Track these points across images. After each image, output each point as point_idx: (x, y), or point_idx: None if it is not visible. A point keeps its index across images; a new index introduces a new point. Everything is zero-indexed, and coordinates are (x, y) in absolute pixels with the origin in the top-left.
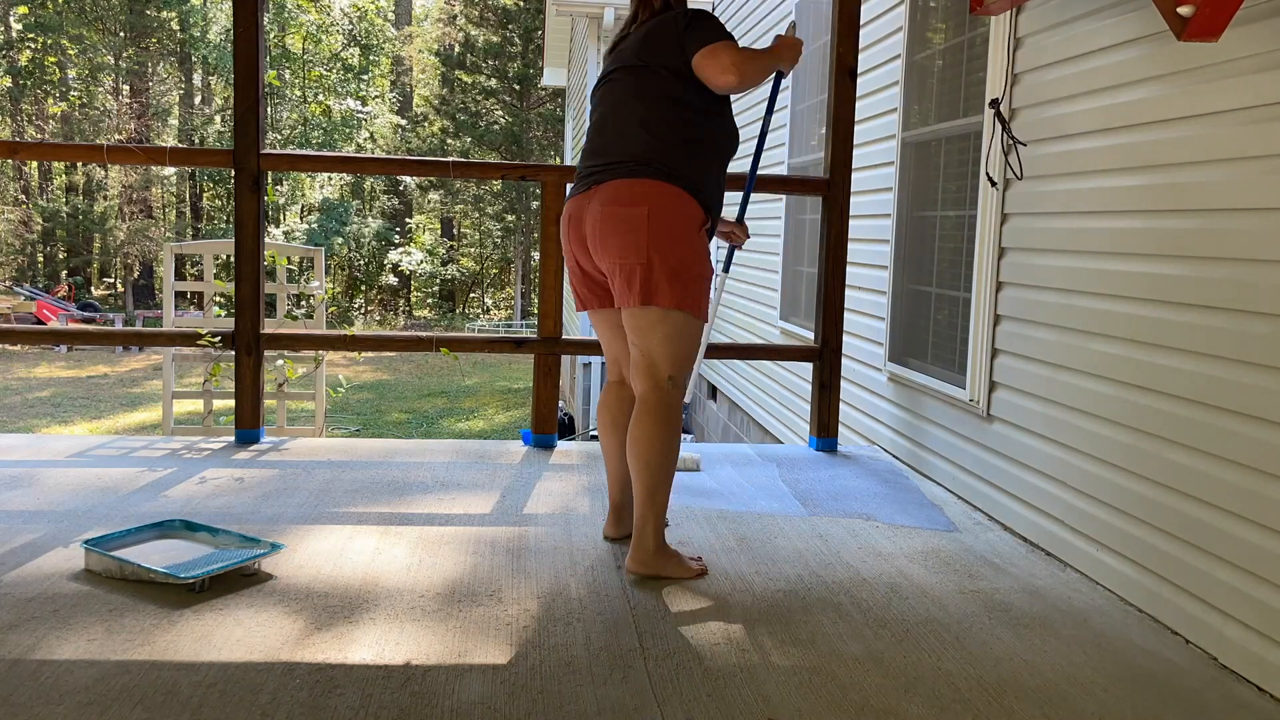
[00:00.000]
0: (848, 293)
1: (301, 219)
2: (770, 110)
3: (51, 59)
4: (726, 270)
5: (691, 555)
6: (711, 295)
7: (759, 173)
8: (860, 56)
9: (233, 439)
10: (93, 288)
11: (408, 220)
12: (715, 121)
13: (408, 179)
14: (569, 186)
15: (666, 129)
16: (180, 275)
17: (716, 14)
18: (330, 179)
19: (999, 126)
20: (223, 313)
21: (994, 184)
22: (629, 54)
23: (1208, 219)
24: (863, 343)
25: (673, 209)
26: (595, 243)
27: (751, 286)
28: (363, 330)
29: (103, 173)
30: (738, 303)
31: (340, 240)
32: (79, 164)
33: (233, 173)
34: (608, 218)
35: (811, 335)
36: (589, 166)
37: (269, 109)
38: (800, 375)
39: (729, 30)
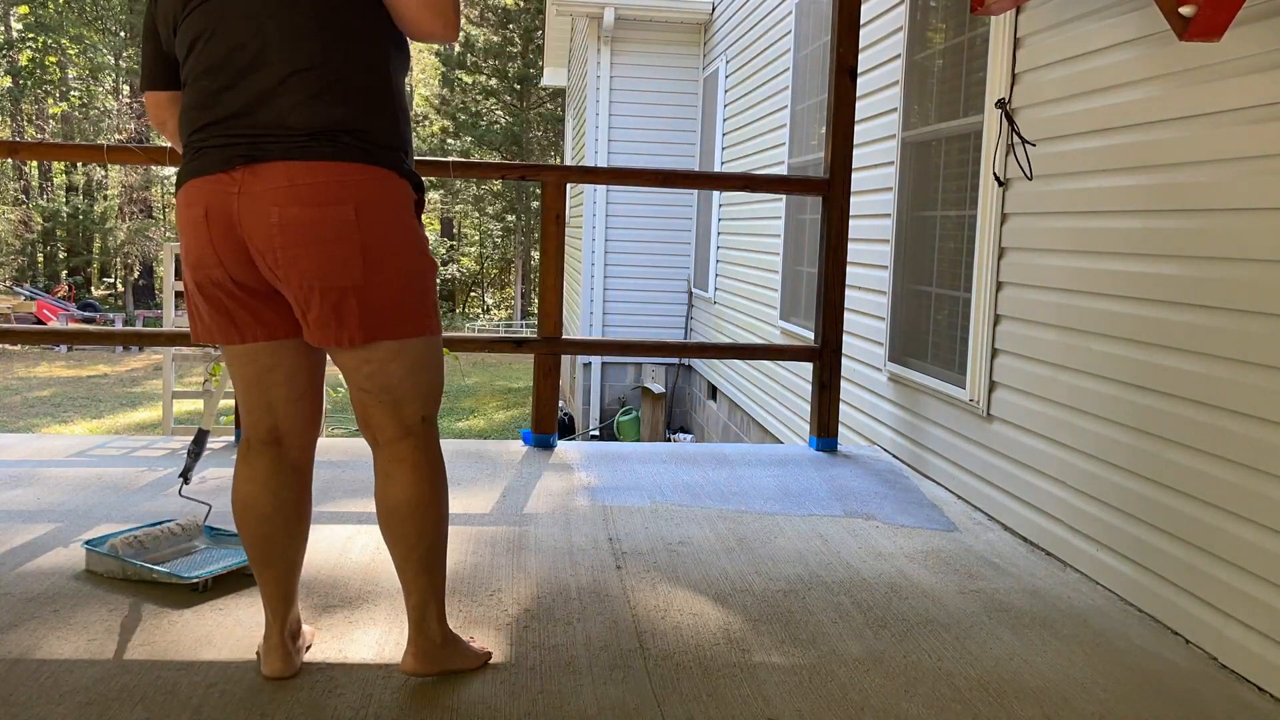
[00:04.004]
0: (848, 293)
1: None
2: None
3: (51, 59)
4: None
5: (467, 637)
6: None
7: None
8: (860, 56)
9: (233, 439)
10: (93, 288)
11: None
12: (404, 67)
13: None
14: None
15: (356, 76)
16: (180, 275)
17: (715, 14)
18: None
19: (1006, 126)
20: None
21: (1001, 183)
22: None
23: (1207, 219)
24: (863, 342)
25: (383, 200)
26: (275, 257)
27: (751, 286)
28: None
29: (103, 173)
30: (737, 302)
31: None
32: (79, 164)
33: None
34: (292, 224)
35: (811, 335)
36: (220, 133)
37: None
38: (800, 375)
39: None
